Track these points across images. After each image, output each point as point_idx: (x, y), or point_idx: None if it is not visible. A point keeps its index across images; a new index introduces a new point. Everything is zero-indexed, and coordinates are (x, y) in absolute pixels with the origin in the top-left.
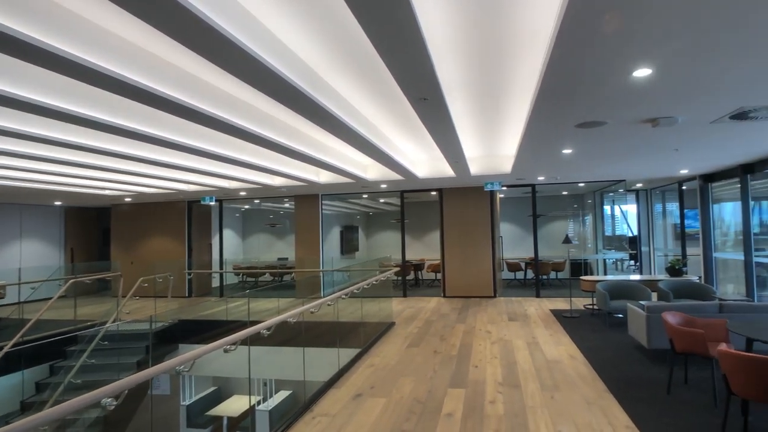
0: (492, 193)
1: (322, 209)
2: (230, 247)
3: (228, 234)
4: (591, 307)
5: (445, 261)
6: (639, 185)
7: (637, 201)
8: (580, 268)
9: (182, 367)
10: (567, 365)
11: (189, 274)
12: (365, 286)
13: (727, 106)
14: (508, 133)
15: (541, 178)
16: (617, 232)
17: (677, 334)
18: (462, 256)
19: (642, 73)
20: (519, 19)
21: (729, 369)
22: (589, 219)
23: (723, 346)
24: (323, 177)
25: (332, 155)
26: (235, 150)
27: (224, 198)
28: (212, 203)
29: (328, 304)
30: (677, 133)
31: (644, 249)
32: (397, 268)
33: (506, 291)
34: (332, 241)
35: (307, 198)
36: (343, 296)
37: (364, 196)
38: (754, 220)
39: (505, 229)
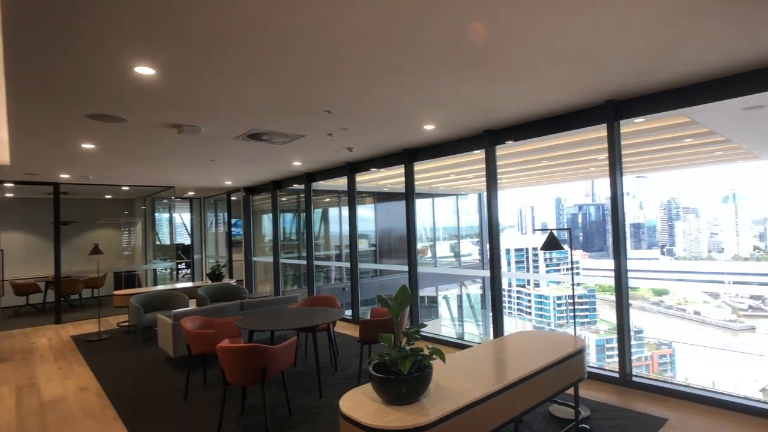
0: None
1: None
2: None
3: None
4: (125, 324)
5: None
6: (191, 193)
7: (191, 209)
8: (130, 281)
9: None
10: (72, 402)
11: None
12: None
13: (243, 126)
14: None
15: (65, 176)
16: (177, 240)
17: (192, 337)
18: None
19: (145, 71)
20: None
21: (223, 361)
22: (140, 226)
23: (226, 342)
24: None
25: None
26: None
27: None
28: None
29: None
30: (208, 144)
31: (198, 256)
32: None
33: (10, 322)
34: None
35: None
36: None
37: None
38: (284, 229)
39: (16, 240)
